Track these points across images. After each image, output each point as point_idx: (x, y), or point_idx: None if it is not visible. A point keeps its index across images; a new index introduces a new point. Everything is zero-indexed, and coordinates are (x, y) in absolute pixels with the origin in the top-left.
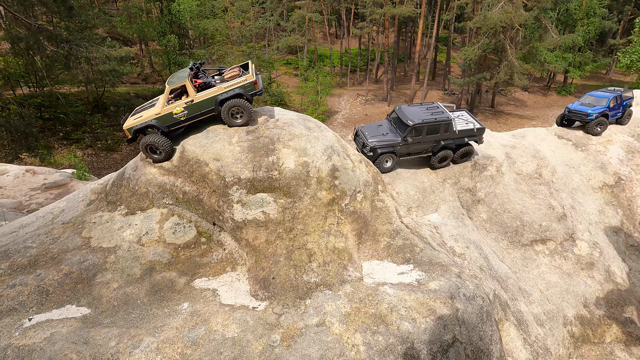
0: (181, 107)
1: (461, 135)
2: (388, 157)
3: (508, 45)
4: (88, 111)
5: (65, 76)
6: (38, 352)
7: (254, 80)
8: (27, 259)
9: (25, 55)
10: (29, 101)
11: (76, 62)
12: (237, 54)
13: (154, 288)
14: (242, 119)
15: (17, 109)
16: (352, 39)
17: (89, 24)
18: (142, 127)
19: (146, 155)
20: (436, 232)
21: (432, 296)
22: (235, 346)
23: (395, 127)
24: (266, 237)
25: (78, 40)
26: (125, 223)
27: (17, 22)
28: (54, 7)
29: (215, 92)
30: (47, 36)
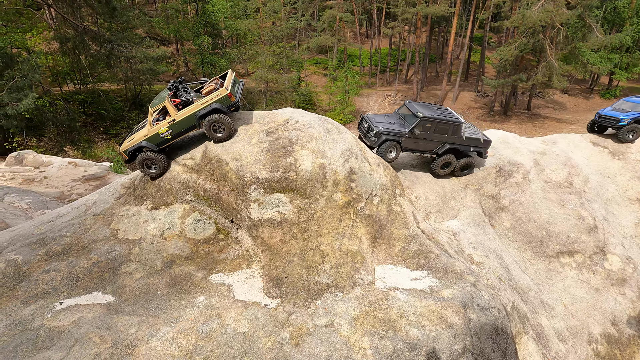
0: (165, 127)
1: (467, 143)
2: (393, 146)
3: (547, 46)
4: (126, 108)
5: (106, 74)
6: (66, 334)
7: (228, 94)
8: (62, 247)
9: (72, 54)
10: (73, 97)
11: (117, 61)
12: (267, 54)
13: (173, 280)
14: (223, 134)
15: (63, 104)
16: (383, 38)
17: (130, 25)
18: (135, 148)
19: (142, 172)
20: (454, 239)
21: (444, 304)
22: (245, 341)
23: (403, 119)
24: (281, 236)
25: (119, 40)
26: (150, 217)
27: (66, 23)
28: (99, 9)
29: (193, 109)
30: (92, 36)
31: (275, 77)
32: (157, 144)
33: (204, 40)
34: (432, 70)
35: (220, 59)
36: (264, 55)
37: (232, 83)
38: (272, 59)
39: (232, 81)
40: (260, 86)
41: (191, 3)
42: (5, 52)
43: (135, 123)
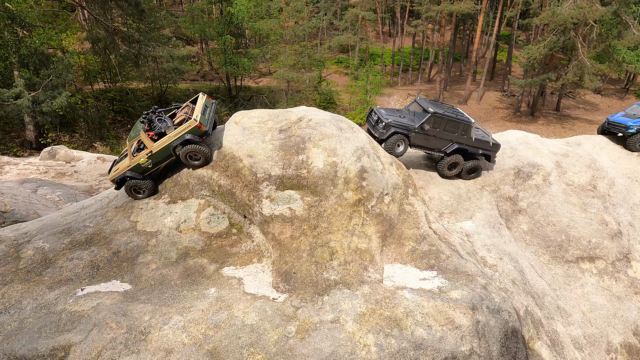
0: (144, 157)
1: (477, 145)
2: (401, 140)
3: (579, 44)
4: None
5: (134, 73)
6: (85, 319)
7: (197, 124)
8: (85, 237)
9: (103, 54)
10: (103, 95)
11: (144, 60)
12: (289, 53)
13: (186, 272)
14: (199, 161)
15: (94, 102)
16: (406, 37)
17: (157, 25)
18: (121, 177)
19: (131, 197)
20: (467, 241)
21: (452, 305)
22: (252, 333)
23: (413, 115)
24: (291, 232)
25: (147, 40)
26: (167, 210)
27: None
28: (128, 10)
29: (167, 141)
30: (121, 37)
31: (296, 77)
32: (140, 172)
33: (228, 40)
34: (456, 70)
35: (243, 59)
36: (285, 54)
37: (202, 110)
38: (293, 58)
39: (202, 107)
40: (281, 85)
41: (216, 3)
42: (42, 51)
43: None
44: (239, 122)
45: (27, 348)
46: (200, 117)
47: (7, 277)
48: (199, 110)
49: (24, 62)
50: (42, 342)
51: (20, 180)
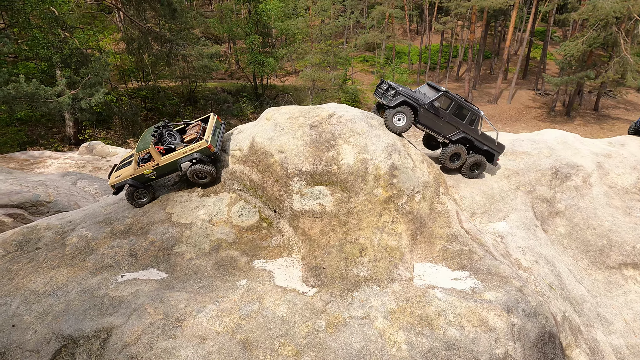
0: (150, 169)
1: (482, 140)
2: (407, 112)
3: (622, 39)
4: (182, 104)
5: (165, 72)
6: (126, 304)
7: (208, 146)
8: (124, 227)
9: (137, 53)
10: (136, 93)
11: (175, 59)
12: (315, 52)
13: (219, 263)
14: (206, 180)
15: (128, 100)
16: (434, 35)
17: (188, 25)
18: (122, 184)
19: (131, 203)
20: (501, 242)
21: (485, 306)
22: (283, 325)
23: (424, 95)
24: (321, 228)
25: (178, 39)
26: (200, 203)
27: (132, 24)
28: (161, 11)
29: (175, 156)
30: (154, 37)
31: (322, 75)
32: (142, 182)
33: (255, 39)
34: (487, 68)
35: (269, 58)
36: (311, 53)
37: (212, 131)
38: (319, 57)
39: (213, 128)
40: (307, 84)
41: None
42: (81, 51)
43: (190, 118)
44: (270, 118)
45: (73, 328)
46: (211, 138)
47: (54, 262)
48: (210, 131)
49: (66, 62)
50: (86, 323)
51: (62, 173)
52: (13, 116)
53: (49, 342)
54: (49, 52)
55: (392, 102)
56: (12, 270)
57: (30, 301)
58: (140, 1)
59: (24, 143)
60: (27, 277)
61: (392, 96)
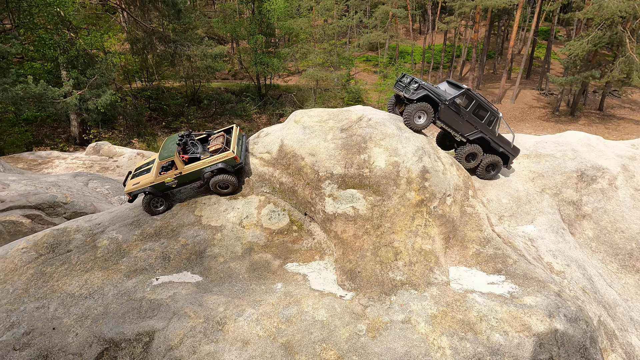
0: (172, 177)
1: (499, 141)
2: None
3: (627, 39)
4: (185, 104)
5: (169, 72)
6: (164, 307)
7: (234, 156)
8: (154, 229)
9: (141, 53)
10: (141, 94)
11: (179, 59)
12: (318, 52)
13: (252, 266)
14: (228, 190)
15: (132, 100)
16: (437, 34)
17: (191, 26)
18: (140, 192)
19: (147, 210)
20: (531, 245)
21: (526, 311)
22: (324, 329)
23: (444, 91)
24: (354, 231)
25: (182, 40)
26: (229, 206)
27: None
28: (166, 11)
29: (200, 165)
30: (159, 37)
31: (325, 75)
32: (161, 190)
33: (258, 39)
34: (490, 67)
35: (273, 59)
36: (314, 53)
37: (237, 143)
38: (322, 56)
39: (237, 139)
40: (310, 84)
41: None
42: (87, 52)
43: (194, 118)
44: (299, 120)
45: (114, 332)
46: (236, 149)
47: (87, 264)
48: (235, 142)
49: (72, 63)
50: (127, 326)
51: (73, 174)
52: (19, 116)
53: (91, 345)
54: (55, 52)
55: (414, 95)
56: (46, 273)
57: (68, 304)
58: (144, 2)
59: (30, 143)
60: (62, 280)
61: (415, 89)
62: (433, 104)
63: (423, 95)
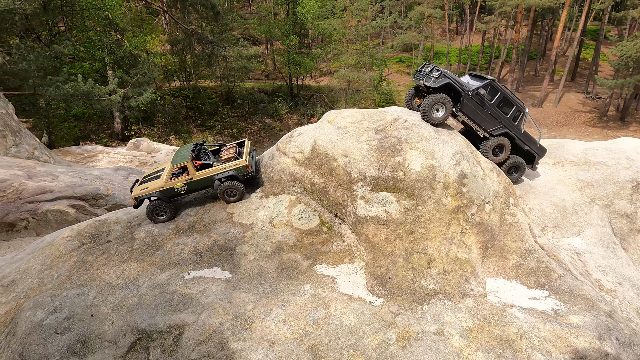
0: (182, 183)
1: (524, 139)
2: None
3: None
4: (220, 103)
5: (206, 72)
6: (195, 301)
7: (246, 165)
8: (187, 224)
9: (180, 54)
10: (178, 93)
11: (216, 60)
12: (351, 53)
13: (281, 266)
14: (235, 197)
15: (171, 99)
16: (475, 35)
17: (228, 27)
18: (147, 197)
19: (150, 219)
20: (578, 260)
21: (573, 331)
22: (352, 335)
23: (467, 83)
24: (386, 235)
25: (219, 41)
26: (260, 205)
27: (177, 27)
28: (204, 14)
29: (212, 172)
30: (197, 38)
31: (357, 76)
32: (169, 196)
33: (292, 40)
34: (531, 69)
35: (306, 59)
36: (347, 54)
37: (248, 153)
38: (355, 57)
39: (249, 151)
40: (341, 84)
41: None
42: (131, 53)
43: (227, 117)
44: (332, 121)
45: (147, 323)
46: (248, 159)
47: (125, 255)
48: (247, 153)
49: (118, 63)
50: (159, 318)
51: (114, 168)
52: (69, 113)
53: (125, 334)
54: (103, 53)
55: (436, 83)
56: (87, 262)
57: (105, 292)
58: (185, 4)
59: (78, 138)
60: (101, 269)
61: (437, 77)
62: (455, 94)
63: (445, 84)
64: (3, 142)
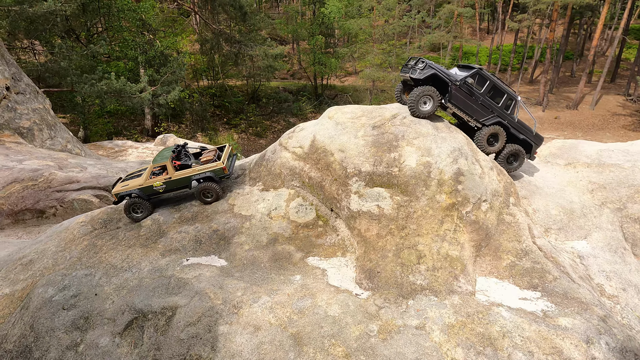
0: (161, 181)
1: (518, 128)
2: (434, 94)
3: None
4: (246, 101)
5: (233, 71)
6: (189, 286)
7: (223, 167)
8: (191, 214)
9: (209, 53)
10: (206, 91)
11: (242, 59)
12: (377, 52)
13: (275, 256)
14: (211, 198)
15: (199, 97)
16: (507, 34)
17: (256, 27)
18: (126, 194)
19: (128, 216)
20: (580, 263)
21: (559, 333)
22: (335, 324)
23: (455, 74)
24: (377, 230)
25: (246, 40)
26: (260, 197)
27: (207, 27)
28: (233, 14)
29: (189, 173)
30: (225, 38)
31: (382, 76)
32: (147, 194)
33: (318, 39)
34: (566, 69)
35: (331, 59)
36: (373, 53)
37: (227, 157)
38: (381, 57)
39: (228, 155)
40: (366, 84)
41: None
42: (162, 53)
43: (253, 115)
44: (332, 117)
45: (143, 303)
46: (226, 162)
47: (131, 241)
48: (226, 156)
49: (150, 62)
50: (155, 300)
51: (140, 162)
52: (103, 109)
53: (123, 313)
54: (136, 52)
55: (421, 75)
56: (97, 245)
57: (110, 274)
58: (215, 5)
59: (111, 133)
60: (109, 253)
61: (422, 69)
62: (442, 85)
63: (430, 75)
64: (40, 135)
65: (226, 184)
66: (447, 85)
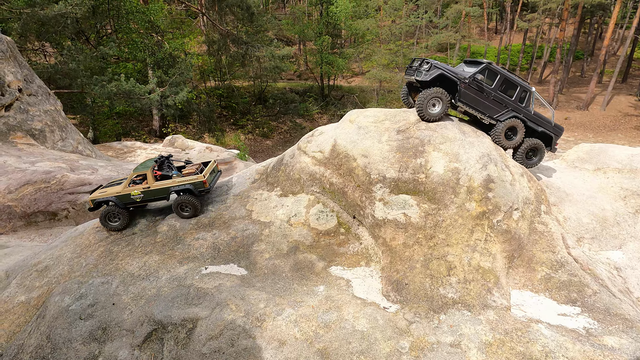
0: (139, 190)
1: (535, 120)
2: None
3: None
4: (252, 102)
5: (240, 72)
6: (209, 296)
7: (203, 180)
8: (208, 220)
9: (216, 54)
10: (213, 92)
11: (249, 60)
12: (384, 52)
13: (296, 265)
14: (189, 212)
15: (206, 98)
16: (516, 34)
17: (263, 28)
18: (103, 200)
19: (103, 224)
20: (617, 275)
21: (607, 354)
22: (363, 340)
23: (463, 70)
24: (404, 240)
25: (253, 41)
26: (279, 203)
27: (214, 28)
28: (240, 15)
29: (168, 184)
30: (232, 39)
31: (389, 76)
32: (124, 202)
33: (325, 40)
34: (577, 69)
35: (338, 59)
36: (380, 54)
37: (210, 172)
38: (388, 57)
39: (211, 170)
40: (373, 85)
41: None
42: (171, 54)
43: (259, 116)
44: (354, 120)
45: (163, 314)
46: (208, 176)
47: (147, 248)
48: (209, 171)
49: (158, 64)
50: (174, 311)
51: None
52: (112, 110)
53: (142, 324)
54: (145, 54)
55: (427, 77)
56: (113, 252)
57: (127, 282)
58: (222, 6)
59: (120, 134)
60: (125, 260)
61: (427, 70)
62: (450, 85)
63: (438, 75)
64: (51, 137)
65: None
66: (455, 84)
